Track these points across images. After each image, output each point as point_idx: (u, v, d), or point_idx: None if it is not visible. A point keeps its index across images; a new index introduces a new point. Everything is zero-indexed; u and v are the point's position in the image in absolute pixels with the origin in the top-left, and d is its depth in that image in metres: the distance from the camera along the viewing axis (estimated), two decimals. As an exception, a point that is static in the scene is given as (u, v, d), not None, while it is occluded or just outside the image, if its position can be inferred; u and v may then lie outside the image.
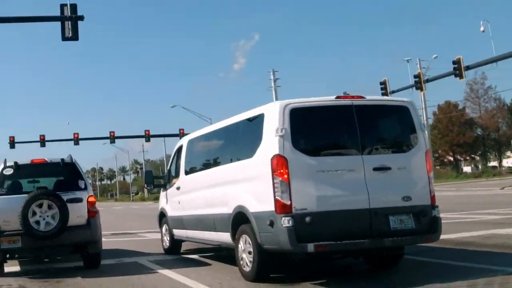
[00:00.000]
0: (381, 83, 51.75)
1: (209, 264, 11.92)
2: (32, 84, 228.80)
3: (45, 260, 13.16)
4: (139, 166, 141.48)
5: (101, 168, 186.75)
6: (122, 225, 26.84)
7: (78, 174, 12.24)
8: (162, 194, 14.64)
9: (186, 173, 12.61)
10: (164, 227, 14.18)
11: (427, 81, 50.53)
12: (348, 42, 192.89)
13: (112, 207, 68.64)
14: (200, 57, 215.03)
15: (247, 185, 9.50)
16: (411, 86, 52.43)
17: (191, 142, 12.84)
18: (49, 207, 11.14)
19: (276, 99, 53.21)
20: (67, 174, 12.42)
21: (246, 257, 9.47)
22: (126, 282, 10.25)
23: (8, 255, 11.67)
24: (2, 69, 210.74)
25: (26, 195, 11.21)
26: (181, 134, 58.93)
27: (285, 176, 8.56)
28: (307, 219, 8.44)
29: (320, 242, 8.40)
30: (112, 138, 61.03)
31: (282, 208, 8.50)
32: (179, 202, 12.89)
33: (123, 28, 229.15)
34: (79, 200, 11.63)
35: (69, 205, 11.25)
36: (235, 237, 9.87)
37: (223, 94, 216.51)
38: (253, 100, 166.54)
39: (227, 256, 12.19)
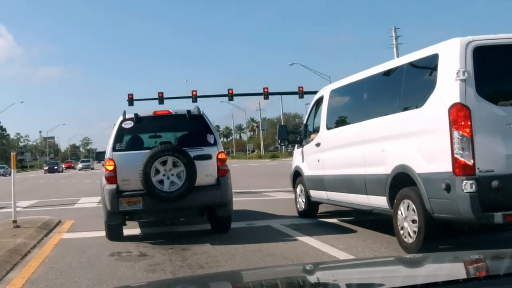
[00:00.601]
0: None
1: (354, 231, 10.32)
2: (151, 40, 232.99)
3: (168, 222, 11.84)
4: (255, 124, 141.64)
5: (218, 126, 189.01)
6: (245, 183, 25.64)
7: (207, 127, 10.72)
8: (297, 151, 13.10)
9: (328, 127, 10.98)
10: (299, 188, 12.72)
11: None
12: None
13: (230, 164, 68.51)
14: (318, 17, 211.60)
15: (413, 141, 7.79)
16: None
17: (334, 92, 11.15)
18: (174, 164, 9.72)
19: (397, 57, 50.36)
20: (194, 128, 10.98)
21: (408, 227, 7.89)
22: (263, 251, 8.81)
23: (127, 217, 10.53)
24: (123, 27, 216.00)
25: (148, 151, 9.82)
26: (300, 92, 57.09)
27: (467, 130, 6.86)
28: (494, 183, 6.77)
29: (510, 212, 6.72)
30: (231, 95, 58.48)
31: (463, 169, 6.84)
32: (318, 160, 11.33)
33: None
34: (208, 156, 10.17)
35: (197, 163, 9.78)
36: (393, 202, 8.29)
37: (340, 54, 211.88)
38: (371, 59, 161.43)
39: (372, 220, 10.82)
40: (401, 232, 8.09)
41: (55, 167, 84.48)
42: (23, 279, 7.60)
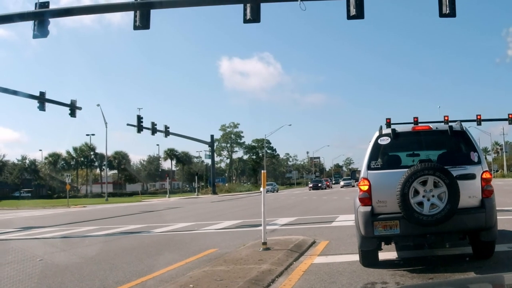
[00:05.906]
0: None
1: None
2: (406, 70, 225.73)
3: (426, 247, 9.78)
4: (499, 147, 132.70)
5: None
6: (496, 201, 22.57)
7: (470, 144, 8.58)
8: None
9: None
10: None
11: None
12: None
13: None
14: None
15: None
16: None
17: None
18: (435, 185, 7.78)
19: None
20: (456, 145, 8.88)
21: None
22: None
23: (383, 242, 8.75)
24: (373, 62, 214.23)
25: (406, 169, 7.95)
26: (539, 120, 60.22)
27: None
28: None
29: None
30: (478, 120, 59.51)
31: None
32: None
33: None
34: (472, 176, 8.07)
35: (460, 183, 7.75)
36: None
37: None
38: None
39: None
40: None
41: (319, 184, 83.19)
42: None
